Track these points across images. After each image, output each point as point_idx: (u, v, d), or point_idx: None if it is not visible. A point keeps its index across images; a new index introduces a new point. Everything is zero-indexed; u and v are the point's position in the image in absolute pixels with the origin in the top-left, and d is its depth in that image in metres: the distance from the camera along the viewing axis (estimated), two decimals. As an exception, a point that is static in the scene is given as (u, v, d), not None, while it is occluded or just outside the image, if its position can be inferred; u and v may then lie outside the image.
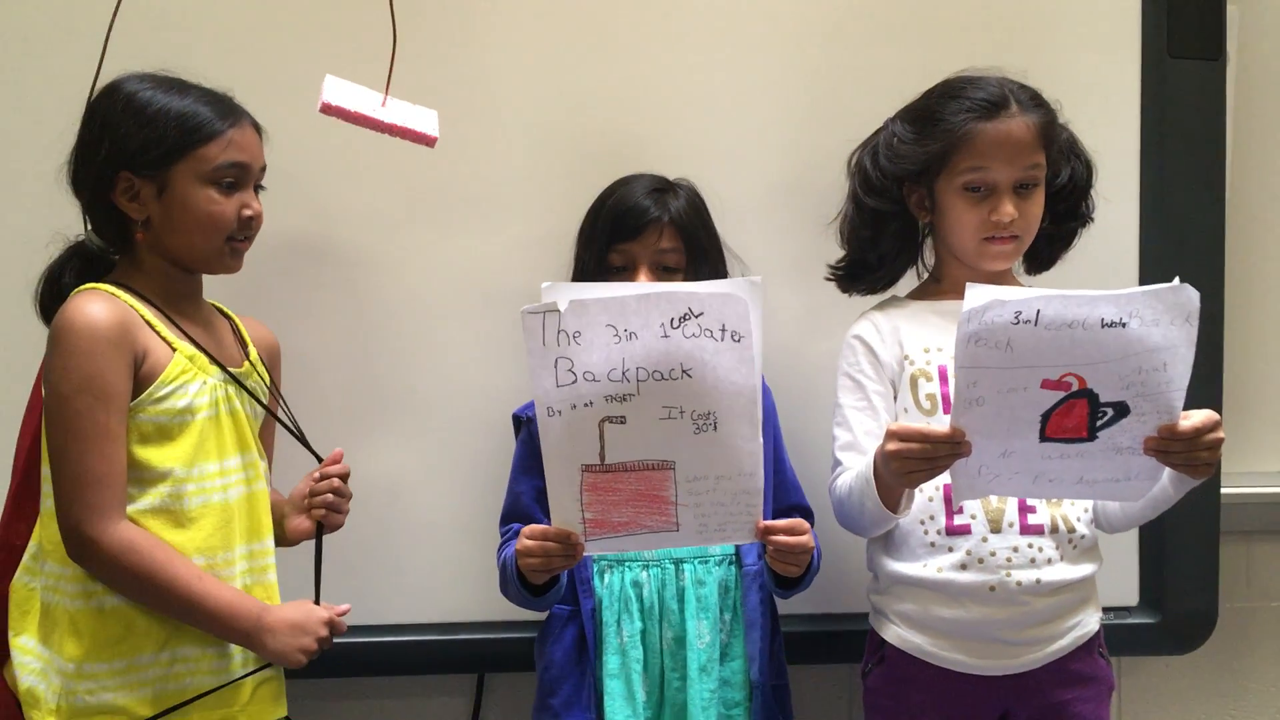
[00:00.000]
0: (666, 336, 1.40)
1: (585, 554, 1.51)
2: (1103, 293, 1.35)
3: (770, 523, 1.51)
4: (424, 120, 1.64)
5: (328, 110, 1.58)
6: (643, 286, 1.44)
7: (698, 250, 1.72)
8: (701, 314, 1.39)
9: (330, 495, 1.61)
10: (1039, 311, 1.33)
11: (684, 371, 1.41)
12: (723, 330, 1.40)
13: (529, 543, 1.51)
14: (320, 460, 1.64)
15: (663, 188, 1.74)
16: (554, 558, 1.50)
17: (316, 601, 1.57)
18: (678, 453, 1.45)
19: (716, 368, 1.41)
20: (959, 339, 1.36)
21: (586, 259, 1.72)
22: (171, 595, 1.43)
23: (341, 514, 1.64)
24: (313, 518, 1.62)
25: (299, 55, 1.85)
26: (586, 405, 1.42)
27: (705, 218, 1.76)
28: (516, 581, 1.59)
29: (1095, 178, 1.75)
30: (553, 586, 1.61)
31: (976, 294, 1.35)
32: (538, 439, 1.67)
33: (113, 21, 1.61)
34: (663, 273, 1.70)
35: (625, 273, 1.70)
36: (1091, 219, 1.76)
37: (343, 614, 1.55)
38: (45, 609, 1.47)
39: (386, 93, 1.63)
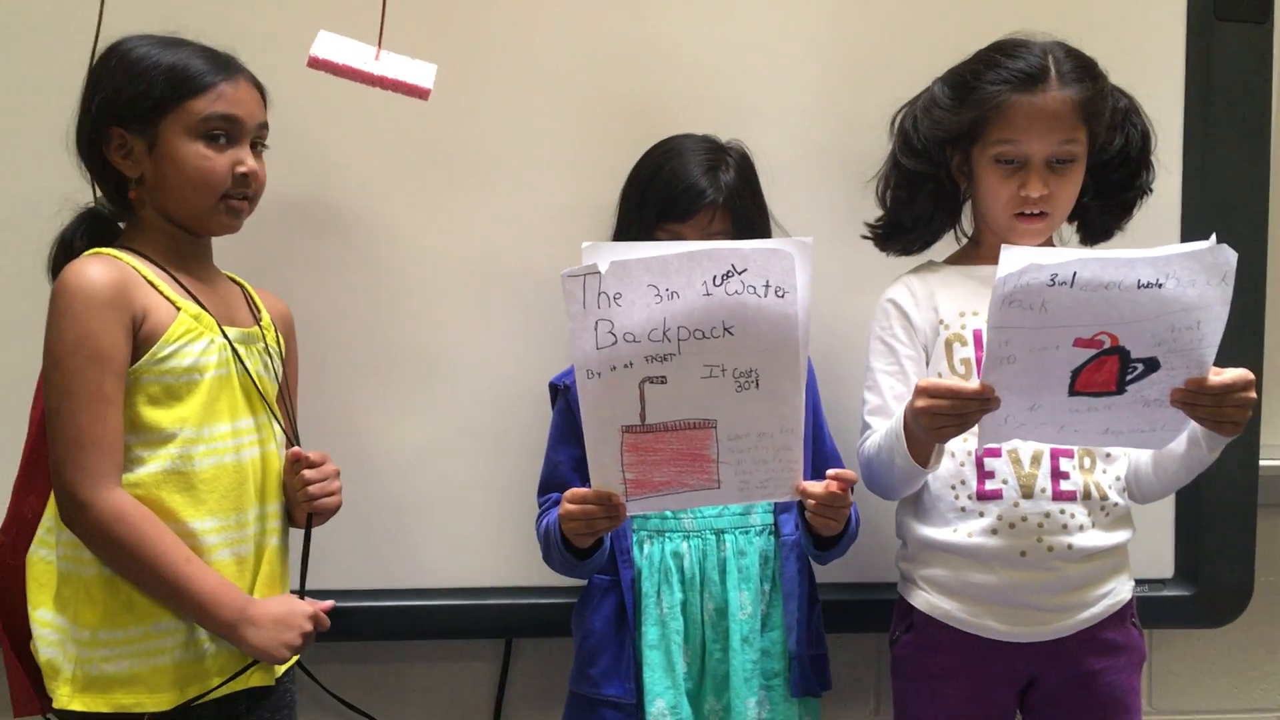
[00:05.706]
0: (709, 294, 1.37)
1: (628, 515, 1.49)
2: (1139, 253, 1.33)
3: (810, 483, 1.50)
4: (418, 73, 1.61)
5: (315, 64, 1.56)
6: (685, 245, 1.40)
7: (746, 227, 1.68)
8: (745, 270, 1.36)
9: (308, 488, 1.56)
10: (1075, 274, 1.32)
11: (726, 329, 1.39)
12: (766, 286, 1.37)
13: (570, 507, 1.50)
14: (297, 443, 1.61)
15: (716, 161, 1.68)
16: (596, 520, 1.49)
17: (301, 595, 1.55)
18: (719, 411, 1.43)
19: (759, 323, 1.38)
20: (993, 301, 1.35)
21: (633, 230, 1.67)
22: (156, 573, 1.41)
23: (332, 496, 1.59)
24: (301, 510, 1.58)
25: (317, 14, 1.75)
26: (626, 366, 1.40)
27: (755, 188, 1.72)
28: (561, 547, 1.58)
29: (1155, 145, 1.71)
30: (597, 550, 1.60)
31: (1013, 257, 1.33)
32: (575, 407, 1.66)
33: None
34: None
35: None
36: (1150, 190, 1.73)
37: (327, 610, 1.54)
38: (62, 578, 1.45)
39: (380, 45, 1.61)
